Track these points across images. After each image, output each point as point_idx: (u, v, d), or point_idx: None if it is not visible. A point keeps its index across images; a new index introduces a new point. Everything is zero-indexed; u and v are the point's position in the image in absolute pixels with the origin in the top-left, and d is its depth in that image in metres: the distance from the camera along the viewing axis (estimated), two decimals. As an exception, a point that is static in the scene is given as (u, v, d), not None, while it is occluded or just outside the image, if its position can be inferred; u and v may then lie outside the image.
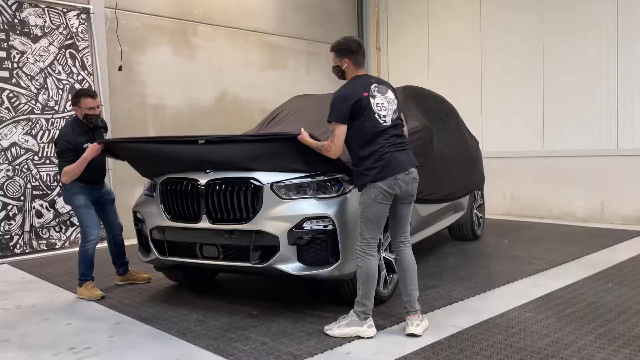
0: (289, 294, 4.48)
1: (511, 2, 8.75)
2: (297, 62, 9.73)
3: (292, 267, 3.67)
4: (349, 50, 3.55)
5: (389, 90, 3.60)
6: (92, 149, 4.37)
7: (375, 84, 3.54)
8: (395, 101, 3.60)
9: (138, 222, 4.36)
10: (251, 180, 3.76)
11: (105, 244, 5.10)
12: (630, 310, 3.83)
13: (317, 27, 10.04)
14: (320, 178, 3.78)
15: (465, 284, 4.63)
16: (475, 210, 6.66)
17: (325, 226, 3.64)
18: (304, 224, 3.63)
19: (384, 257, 4.14)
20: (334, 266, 3.67)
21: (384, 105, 3.49)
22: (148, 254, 4.27)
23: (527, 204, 8.73)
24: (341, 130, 3.40)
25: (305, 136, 3.57)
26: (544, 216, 8.49)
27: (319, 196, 3.73)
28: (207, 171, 3.93)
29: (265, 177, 3.76)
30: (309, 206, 3.68)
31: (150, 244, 4.18)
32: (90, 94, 4.67)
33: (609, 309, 3.87)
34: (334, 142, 3.42)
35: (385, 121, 3.46)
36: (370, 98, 3.46)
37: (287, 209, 3.68)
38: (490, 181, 8.90)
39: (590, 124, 7.97)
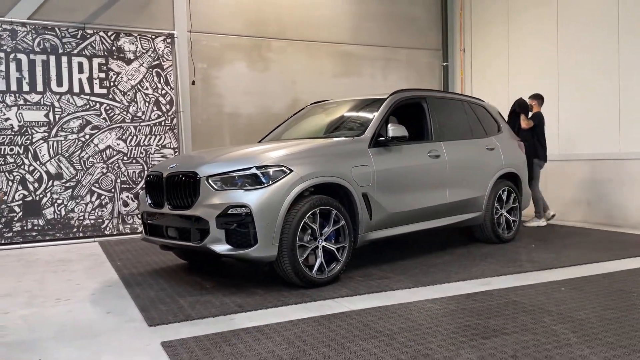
0: (264, 276, 5.11)
1: (588, -5, 8.22)
2: (373, 69, 10.16)
3: (221, 247, 4.33)
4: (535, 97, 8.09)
5: None
6: None
7: None
8: None
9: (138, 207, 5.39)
10: (194, 174, 4.51)
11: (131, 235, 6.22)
12: (536, 311, 3.76)
13: (396, 34, 10.36)
14: (246, 172, 4.39)
15: (420, 279, 4.78)
16: (502, 212, 6.52)
17: (244, 213, 4.23)
18: (229, 211, 4.28)
19: (323, 246, 4.58)
20: (253, 248, 4.25)
21: None
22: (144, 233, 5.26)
23: (603, 211, 8.07)
24: (529, 124, 7.84)
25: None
26: (620, 224, 7.79)
27: (245, 188, 4.35)
28: (171, 166, 4.79)
29: (203, 171, 4.49)
30: (234, 196, 4.31)
31: (141, 225, 5.17)
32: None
33: (517, 308, 3.83)
34: (525, 124, 7.87)
35: None
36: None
37: (217, 198, 4.35)
38: (565, 186, 8.44)
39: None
